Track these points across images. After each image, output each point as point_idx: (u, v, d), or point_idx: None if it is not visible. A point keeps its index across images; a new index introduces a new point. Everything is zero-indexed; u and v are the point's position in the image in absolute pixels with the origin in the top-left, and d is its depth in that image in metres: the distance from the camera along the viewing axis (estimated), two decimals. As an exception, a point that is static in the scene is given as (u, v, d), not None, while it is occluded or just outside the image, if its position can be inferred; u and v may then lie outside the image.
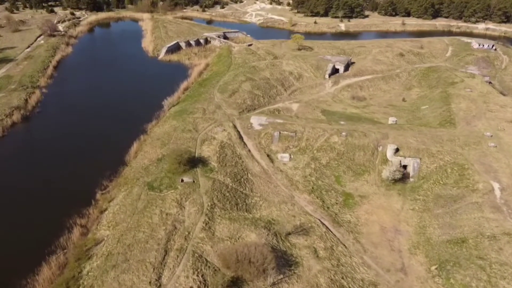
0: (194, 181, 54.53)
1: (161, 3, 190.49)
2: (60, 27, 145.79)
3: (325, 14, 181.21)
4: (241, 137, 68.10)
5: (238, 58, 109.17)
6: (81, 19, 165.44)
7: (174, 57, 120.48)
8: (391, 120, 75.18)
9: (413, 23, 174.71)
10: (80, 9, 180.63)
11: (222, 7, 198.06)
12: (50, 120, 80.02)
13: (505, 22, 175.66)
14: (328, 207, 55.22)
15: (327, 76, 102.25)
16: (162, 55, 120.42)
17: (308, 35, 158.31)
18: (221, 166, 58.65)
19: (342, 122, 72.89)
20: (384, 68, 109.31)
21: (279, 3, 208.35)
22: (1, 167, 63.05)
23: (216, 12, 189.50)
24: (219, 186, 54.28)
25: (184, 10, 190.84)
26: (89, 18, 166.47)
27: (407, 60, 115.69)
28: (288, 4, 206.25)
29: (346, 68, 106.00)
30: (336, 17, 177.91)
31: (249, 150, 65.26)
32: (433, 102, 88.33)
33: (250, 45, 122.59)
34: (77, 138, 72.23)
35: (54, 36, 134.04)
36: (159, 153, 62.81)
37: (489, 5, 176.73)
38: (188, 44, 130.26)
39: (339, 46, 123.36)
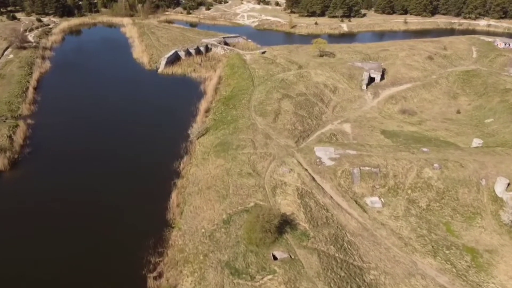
0: (291, 257, 39.61)
1: (139, 5, 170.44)
2: (30, 36, 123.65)
3: (322, 14, 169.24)
4: (313, 178, 53.67)
5: (258, 69, 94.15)
6: (51, 26, 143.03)
7: (176, 69, 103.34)
8: (476, 142, 63.42)
9: (414, 21, 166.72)
10: (47, 14, 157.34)
11: (208, 9, 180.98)
12: (47, 164, 61.28)
13: (503, 18, 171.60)
14: (463, 275, 42.18)
15: (364, 86, 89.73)
16: (162, 67, 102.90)
17: (307, 37, 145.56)
18: (314, 228, 44.04)
19: (424, 149, 60.18)
20: (420, 74, 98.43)
21: (267, 3, 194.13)
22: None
23: (203, 14, 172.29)
24: (327, 261, 39.70)
25: (167, 13, 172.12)
26: (60, 25, 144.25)
27: (437, 64, 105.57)
28: (277, 4, 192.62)
29: (382, 76, 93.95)
30: (334, 16, 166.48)
31: (331, 197, 51.00)
32: (497, 114, 78.01)
33: (263, 52, 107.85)
34: (88, 187, 54.69)
35: (24, 48, 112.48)
36: (221, 210, 47.17)
37: (486, 0, 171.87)
38: (188, 53, 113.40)
39: (361, 51, 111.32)
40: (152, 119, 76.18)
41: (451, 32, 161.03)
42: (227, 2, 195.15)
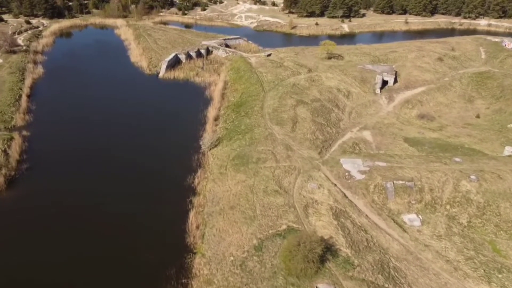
0: (338, 290, 35.20)
1: (132, 6, 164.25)
2: (19, 40, 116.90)
3: (321, 14, 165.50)
4: (344, 194, 49.42)
5: (266, 73, 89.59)
6: (40, 28, 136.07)
7: (178, 73, 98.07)
8: (508, 150, 60.09)
9: (415, 21, 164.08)
10: (36, 16, 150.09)
11: (203, 9, 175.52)
12: (47, 181, 55.73)
13: (502, 17, 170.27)
14: (523, 303, 38.36)
15: (378, 90, 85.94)
16: (163, 72, 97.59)
17: (309, 38, 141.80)
18: (356, 253, 39.74)
19: (456, 159, 56.52)
20: (432, 76, 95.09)
21: (263, 3, 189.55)
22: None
23: (199, 15, 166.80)
24: (379, 294, 35.40)
25: (161, 14, 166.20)
26: (51, 27, 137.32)
27: (448, 65, 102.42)
28: (273, 4, 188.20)
29: (395, 79, 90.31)
30: (333, 17, 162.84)
31: (367, 215, 46.79)
32: (520, 118, 74.90)
33: (269, 55, 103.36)
34: (94, 208, 49.57)
35: (14, 52, 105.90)
36: (249, 234, 42.54)
37: (485, 0, 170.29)
38: (189, 56, 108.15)
39: (369, 52, 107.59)
40: (158, 128, 71.08)
41: (452, 32, 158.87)
42: (223, 3, 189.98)
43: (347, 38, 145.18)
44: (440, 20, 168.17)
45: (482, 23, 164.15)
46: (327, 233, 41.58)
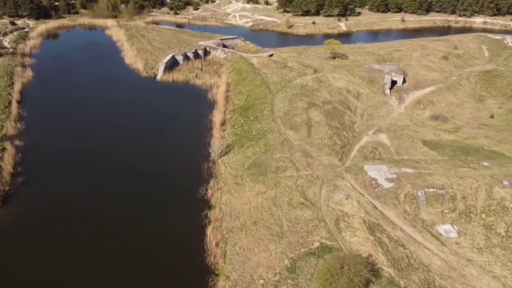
0: (388, 318, 31.60)
1: (122, 6, 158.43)
2: (5, 42, 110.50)
3: (317, 13, 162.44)
4: (373, 205, 45.95)
5: (270, 74, 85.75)
6: (26, 29, 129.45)
7: (177, 75, 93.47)
8: (534, 153, 57.42)
9: (411, 19, 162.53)
10: (21, 16, 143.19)
11: (196, 9, 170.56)
12: (45, 196, 50.81)
13: (496, 15, 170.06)
14: None
15: (387, 91, 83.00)
16: (161, 74, 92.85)
17: (306, 38, 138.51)
18: (399, 273, 36.26)
19: (485, 164, 53.71)
20: (440, 76, 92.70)
21: (256, 2, 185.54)
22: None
23: (192, 15, 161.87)
24: (433, 321, 31.94)
25: (153, 14, 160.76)
26: (37, 28, 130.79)
27: (453, 64, 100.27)
28: (267, 3, 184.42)
29: (404, 79, 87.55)
30: (329, 15, 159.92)
31: (401, 228, 43.38)
32: (536, 118, 72.77)
33: (271, 55, 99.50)
34: (99, 225, 45.11)
35: (0, 55, 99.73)
36: (279, 253, 38.66)
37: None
38: (186, 57, 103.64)
39: (373, 51, 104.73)
40: (162, 134, 66.69)
41: (448, 30, 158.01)
42: (215, 2, 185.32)
43: (345, 37, 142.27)
44: (436, 18, 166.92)
45: (478, 20, 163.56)
46: (365, 250, 38.01)
